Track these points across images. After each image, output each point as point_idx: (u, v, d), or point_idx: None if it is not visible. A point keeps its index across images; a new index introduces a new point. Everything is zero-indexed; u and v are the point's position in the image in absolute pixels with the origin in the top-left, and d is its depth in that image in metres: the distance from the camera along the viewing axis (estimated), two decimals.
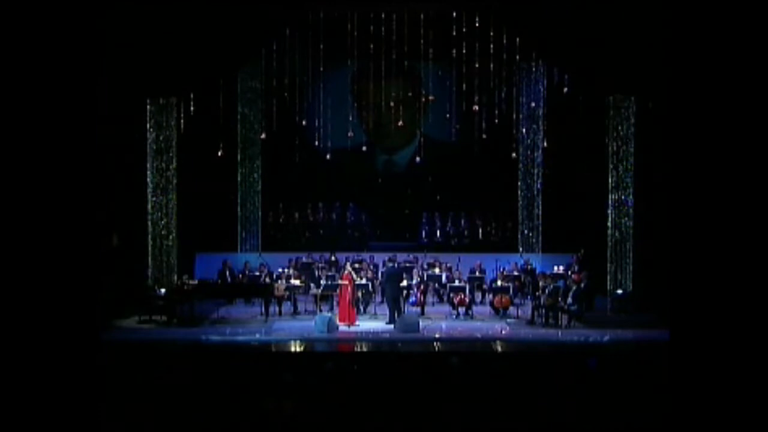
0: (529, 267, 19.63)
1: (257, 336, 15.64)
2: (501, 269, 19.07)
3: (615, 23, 15.99)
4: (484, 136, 19.16)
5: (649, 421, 9.90)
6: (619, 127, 17.84)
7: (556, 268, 18.88)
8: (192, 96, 17.95)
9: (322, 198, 22.29)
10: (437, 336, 15.71)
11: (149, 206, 18.00)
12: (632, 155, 17.83)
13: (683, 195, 9.68)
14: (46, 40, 9.43)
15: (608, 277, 17.98)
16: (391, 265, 18.77)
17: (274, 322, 16.86)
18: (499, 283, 17.89)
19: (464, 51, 17.97)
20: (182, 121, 18.07)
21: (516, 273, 19.10)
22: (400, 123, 19.70)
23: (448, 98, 20.49)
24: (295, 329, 16.28)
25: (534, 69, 20.34)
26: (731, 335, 9.28)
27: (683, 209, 9.69)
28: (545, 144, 20.23)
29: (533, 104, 20.55)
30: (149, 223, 18.04)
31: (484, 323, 16.97)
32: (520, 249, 20.83)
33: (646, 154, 17.48)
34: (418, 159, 20.13)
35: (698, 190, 9.53)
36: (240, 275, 19.07)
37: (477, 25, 17.62)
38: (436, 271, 18.64)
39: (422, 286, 17.89)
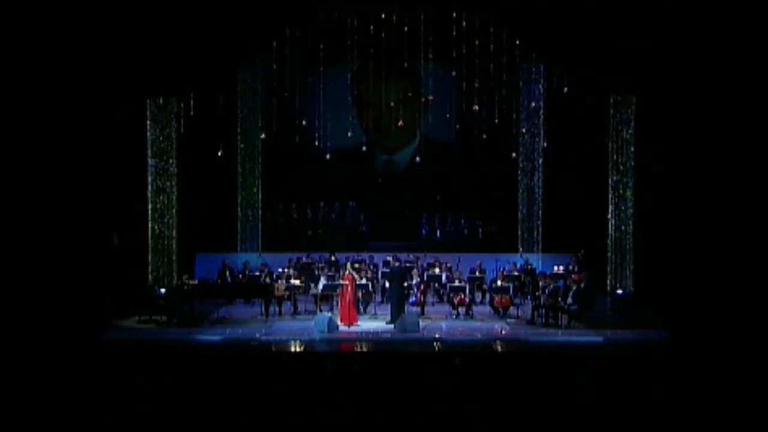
0: (529, 267, 19.62)
1: (257, 336, 15.64)
2: (501, 269, 19.07)
3: (615, 23, 15.98)
4: (484, 136, 19.19)
5: (648, 421, 9.90)
6: (620, 127, 17.85)
7: (556, 268, 18.88)
8: (192, 96, 17.96)
9: (322, 198, 22.29)
10: (437, 336, 15.69)
11: (149, 206, 18.01)
12: (632, 155, 17.83)
13: (684, 195, 9.68)
14: (46, 40, 9.43)
15: (608, 277, 17.98)
16: (396, 264, 18.77)
17: (274, 322, 16.85)
18: (499, 283, 17.88)
19: (464, 51, 17.99)
20: (182, 121, 18.08)
21: (516, 273, 19.08)
22: (400, 123, 19.72)
23: (448, 98, 20.48)
24: (295, 329, 16.27)
25: (534, 69, 20.32)
26: (731, 335, 9.28)
27: (684, 209, 9.68)
28: (545, 144, 20.24)
29: (533, 104, 20.53)
30: (149, 223, 18.04)
31: (484, 323, 16.96)
32: (520, 249, 20.83)
33: (646, 155, 17.47)
34: (418, 159, 20.16)
35: (699, 190, 9.53)
36: (240, 275, 19.06)
37: (477, 25, 17.63)
38: (436, 271, 18.62)
39: (422, 286, 17.86)
